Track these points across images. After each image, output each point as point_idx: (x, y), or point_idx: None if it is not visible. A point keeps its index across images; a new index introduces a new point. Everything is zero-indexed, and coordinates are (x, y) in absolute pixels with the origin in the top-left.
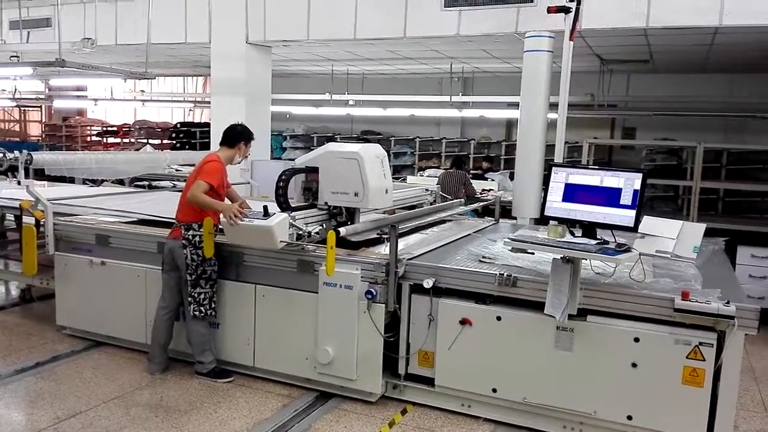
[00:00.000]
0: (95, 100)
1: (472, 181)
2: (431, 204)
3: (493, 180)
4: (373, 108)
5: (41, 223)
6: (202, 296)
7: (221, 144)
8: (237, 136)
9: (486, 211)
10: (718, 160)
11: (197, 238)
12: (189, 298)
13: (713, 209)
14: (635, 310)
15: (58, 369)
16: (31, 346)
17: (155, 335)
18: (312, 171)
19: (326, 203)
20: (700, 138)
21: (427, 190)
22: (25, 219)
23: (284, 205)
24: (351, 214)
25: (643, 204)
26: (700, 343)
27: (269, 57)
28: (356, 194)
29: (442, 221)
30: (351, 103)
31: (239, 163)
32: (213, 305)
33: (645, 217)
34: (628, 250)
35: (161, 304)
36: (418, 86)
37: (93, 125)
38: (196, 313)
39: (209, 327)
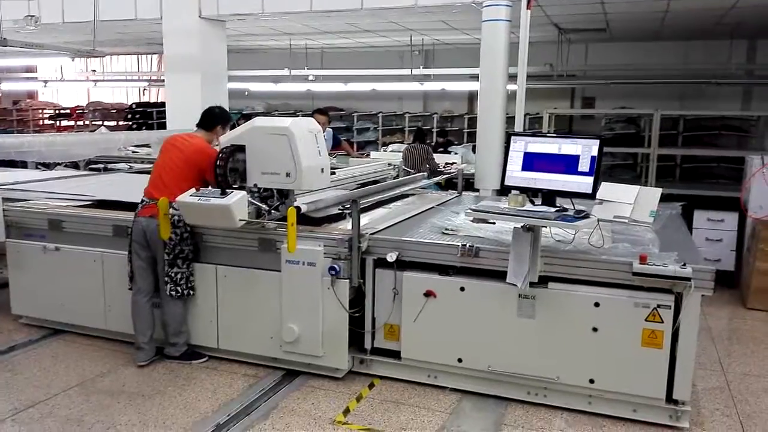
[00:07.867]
0: (45, 81)
1: (434, 155)
2: (394, 179)
3: (456, 153)
4: (335, 83)
5: None
6: (178, 276)
7: (198, 126)
8: (215, 120)
9: (449, 184)
10: (675, 128)
11: (176, 218)
12: (166, 278)
13: (671, 176)
14: (595, 275)
15: (15, 359)
16: None
17: (138, 324)
18: (239, 150)
19: (255, 185)
20: (657, 105)
21: (389, 164)
22: None
23: (224, 186)
24: (284, 197)
25: (601, 171)
26: (659, 306)
27: (224, 32)
28: (288, 174)
29: (405, 195)
30: (311, 78)
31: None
32: (190, 284)
33: (603, 183)
34: (587, 216)
35: (137, 290)
36: (379, 60)
37: (45, 108)
38: (173, 293)
39: (185, 307)
